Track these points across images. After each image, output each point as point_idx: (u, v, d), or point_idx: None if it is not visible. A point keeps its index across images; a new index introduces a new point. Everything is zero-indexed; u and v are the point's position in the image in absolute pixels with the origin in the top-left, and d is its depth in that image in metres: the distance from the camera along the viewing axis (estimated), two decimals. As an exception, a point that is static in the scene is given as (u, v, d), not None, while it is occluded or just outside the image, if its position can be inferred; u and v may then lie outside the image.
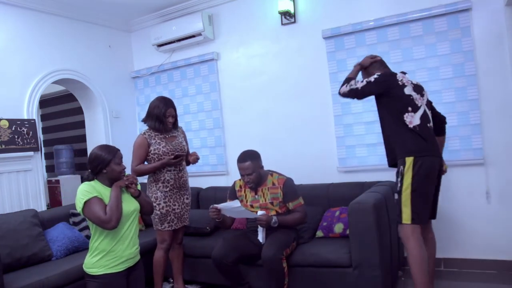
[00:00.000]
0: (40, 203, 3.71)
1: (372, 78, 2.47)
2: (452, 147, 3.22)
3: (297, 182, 3.04)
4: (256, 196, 2.94)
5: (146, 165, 2.94)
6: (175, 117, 3.01)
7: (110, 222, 2.11)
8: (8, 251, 2.83)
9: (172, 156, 2.88)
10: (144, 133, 2.99)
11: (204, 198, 4.05)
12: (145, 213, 2.46)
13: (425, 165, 2.31)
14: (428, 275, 2.37)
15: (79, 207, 2.15)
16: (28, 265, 2.94)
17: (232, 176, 4.24)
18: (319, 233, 3.15)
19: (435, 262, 2.58)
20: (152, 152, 2.92)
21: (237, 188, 3.05)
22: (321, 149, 3.75)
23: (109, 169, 2.23)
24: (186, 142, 3.16)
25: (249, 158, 2.83)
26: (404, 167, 2.33)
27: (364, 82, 2.49)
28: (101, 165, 2.22)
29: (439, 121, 2.65)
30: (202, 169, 4.39)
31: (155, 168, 2.91)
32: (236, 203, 2.78)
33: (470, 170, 3.17)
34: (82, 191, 2.16)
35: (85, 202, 2.13)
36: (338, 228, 3.06)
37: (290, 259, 2.82)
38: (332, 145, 3.70)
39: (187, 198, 3.08)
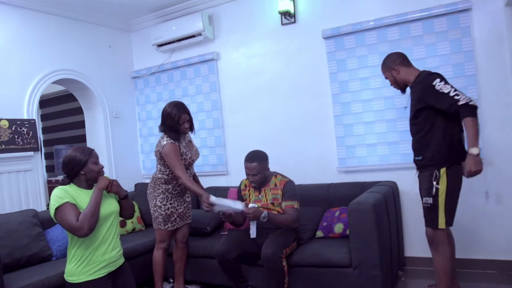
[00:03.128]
0: (40, 203, 3.71)
1: (447, 85, 2.32)
2: (452, 147, 3.22)
3: (297, 182, 3.04)
4: (259, 196, 2.97)
5: (193, 185, 2.83)
6: (190, 120, 2.95)
7: (82, 230, 2.00)
8: (8, 251, 2.83)
9: (208, 200, 2.72)
10: (172, 141, 2.88)
11: (204, 198, 4.04)
12: (126, 216, 2.38)
13: (459, 173, 2.43)
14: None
15: (51, 214, 2.07)
16: (28, 265, 2.94)
17: (232, 176, 4.24)
18: (319, 233, 3.15)
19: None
20: (183, 158, 2.91)
21: (242, 187, 3.11)
22: (321, 149, 3.75)
23: (87, 169, 2.16)
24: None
25: (257, 159, 2.88)
26: (439, 172, 2.38)
27: (452, 90, 2.29)
28: (78, 166, 2.14)
29: None
30: (202, 169, 4.38)
31: (196, 193, 2.83)
32: (233, 202, 2.86)
33: (470, 170, 3.16)
34: (54, 197, 2.07)
35: (57, 208, 2.04)
36: (338, 228, 3.06)
37: (290, 259, 2.82)
38: (332, 145, 3.70)
39: (188, 197, 3.12)
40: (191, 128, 3.00)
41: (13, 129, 3.54)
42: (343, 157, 3.64)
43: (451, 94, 2.27)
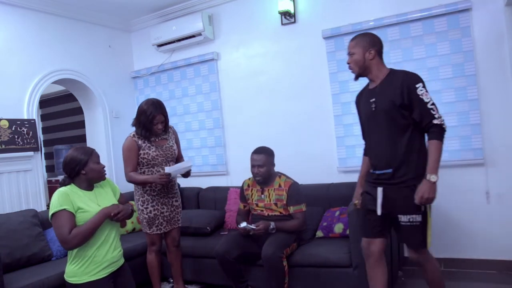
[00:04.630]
0: (40, 203, 3.71)
1: (427, 94, 2.05)
2: (452, 147, 3.22)
3: (297, 181, 3.04)
4: (262, 196, 2.97)
5: (138, 175, 2.81)
6: (164, 121, 2.85)
7: (69, 244, 2.01)
8: (8, 251, 2.83)
9: (164, 176, 2.72)
10: (133, 135, 2.85)
11: (204, 198, 4.05)
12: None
13: None
14: None
15: (49, 216, 2.08)
16: (28, 265, 2.94)
17: (232, 176, 4.24)
18: (319, 233, 3.15)
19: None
20: (141, 156, 2.81)
21: (245, 187, 3.11)
22: (321, 149, 3.75)
23: (88, 169, 2.14)
24: (178, 143, 3.07)
25: (264, 152, 2.93)
26: None
27: (430, 101, 2.05)
28: (79, 166, 2.13)
29: None
30: (202, 169, 4.39)
31: (146, 182, 2.79)
32: (188, 163, 2.90)
33: (470, 170, 3.17)
34: (54, 201, 2.06)
35: (53, 214, 2.04)
36: (338, 228, 3.06)
37: (291, 259, 2.82)
38: (332, 145, 3.70)
39: (176, 201, 3.00)
40: (165, 129, 2.90)
41: (13, 129, 3.54)
42: (343, 157, 3.64)
43: (429, 105, 2.04)
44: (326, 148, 3.72)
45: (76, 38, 4.20)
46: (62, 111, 6.62)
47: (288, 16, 3.81)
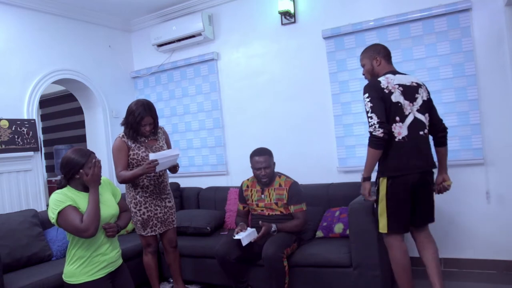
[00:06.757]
0: (40, 203, 3.71)
1: (368, 104, 2.32)
2: (452, 147, 3.20)
3: (297, 181, 3.04)
4: (263, 196, 2.97)
5: (128, 172, 2.74)
6: (153, 124, 2.80)
7: (88, 231, 1.99)
8: (8, 251, 2.83)
9: (150, 164, 2.61)
10: (123, 135, 2.82)
11: (204, 198, 4.05)
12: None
13: (400, 184, 2.33)
14: (430, 279, 2.45)
15: (52, 218, 2.03)
16: (28, 265, 2.94)
17: (232, 176, 4.24)
18: (319, 233, 3.15)
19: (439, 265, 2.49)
20: (130, 157, 2.78)
21: (244, 188, 3.11)
22: (321, 149, 3.75)
23: (82, 174, 2.09)
24: (168, 143, 3.03)
25: (267, 153, 2.95)
26: (379, 181, 2.41)
27: (369, 111, 2.32)
28: (74, 169, 2.09)
29: (436, 130, 2.54)
30: (202, 169, 4.39)
31: (137, 175, 2.71)
32: (174, 151, 2.76)
33: (470, 170, 3.17)
34: (55, 201, 2.03)
35: (59, 213, 2.00)
36: (338, 228, 3.06)
37: (291, 259, 2.82)
38: (332, 145, 3.70)
39: (169, 202, 2.96)
40: (154, 131, 2.87)
41: (13, 129, 3.54)
42: (343, 157, 3.64)
43: (368, 114, 2.32)
44: (326, 148, 3.72)
45: (76, 38, 4.20)
46: (62, 111, 6.61)
47: (288, 16, 3.81)
